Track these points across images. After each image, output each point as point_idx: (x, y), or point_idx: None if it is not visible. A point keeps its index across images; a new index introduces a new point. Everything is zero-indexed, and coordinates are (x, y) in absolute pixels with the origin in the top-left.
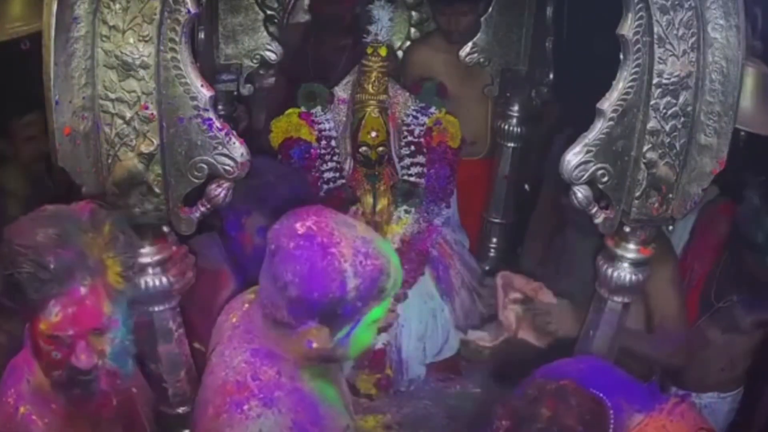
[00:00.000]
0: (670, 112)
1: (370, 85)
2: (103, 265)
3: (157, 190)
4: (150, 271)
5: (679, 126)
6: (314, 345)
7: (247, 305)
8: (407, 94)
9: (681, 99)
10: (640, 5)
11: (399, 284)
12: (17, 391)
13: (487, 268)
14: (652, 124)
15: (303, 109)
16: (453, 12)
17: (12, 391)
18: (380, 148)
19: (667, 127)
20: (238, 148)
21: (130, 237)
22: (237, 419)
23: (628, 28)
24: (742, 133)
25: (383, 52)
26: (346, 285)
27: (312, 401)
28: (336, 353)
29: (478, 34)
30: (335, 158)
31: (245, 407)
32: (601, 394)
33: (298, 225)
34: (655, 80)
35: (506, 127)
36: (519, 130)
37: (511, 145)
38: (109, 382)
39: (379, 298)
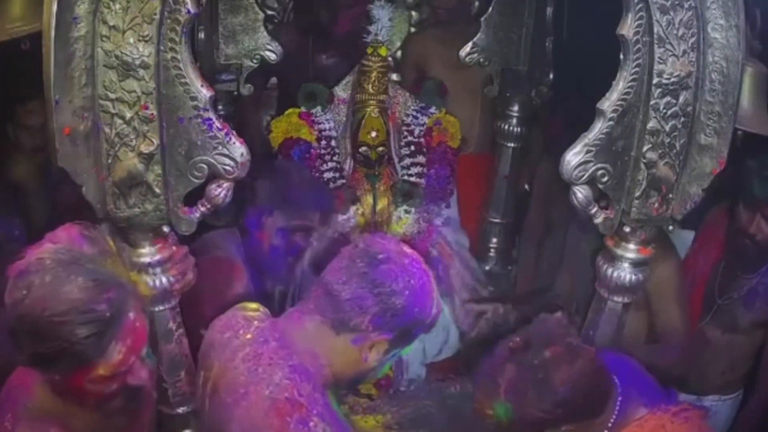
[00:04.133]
0: (670, 112)
1: (370, 85)
2: (133, 282)
3: (157, 190)
4: (150, 271)
5: (679, 126)
6: (369, 359)
7: (257, 323)
8: (407, 94)
9: (681, 99)
10: (640, 5)
11: None
12: (14, 416)
13: (487, 268)
14: (652, 124)
15: (303, 109)
16: None
17: (9, 416)
18: (380, 148)
19: (667, 127)
20: (238, 148)
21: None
22: None
23: (628, 28)
24: (740, 133)
25: (383, 52)
26: (432, 310)
27: (339, 417)
28: (370, 373)
29: (478, 34)
30: (335, 158)
31: (311, 424)
32: (614, 377)
33: (402, 245)
34: (655, 80)
35: (506, 127)
36: (519, 130)
37: (511, 145)
38: (150, 380)
39: (428, 331)
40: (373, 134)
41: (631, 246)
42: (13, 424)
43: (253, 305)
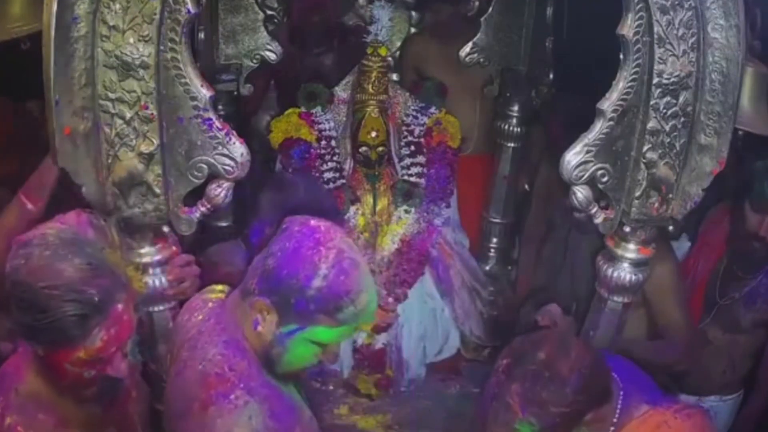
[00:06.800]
0: (670, 112)
1: (370, 85)
2: (128, 276)
3: (157, 190)
4: (150, 271)
5: (679, 126)
6: (260, 327)
7: (211, 303)
8: (407, 94)
9: (681, 99)
10: (640, 5)
11: (360, 325)
12: (5, 400)
13: (487, 268)
14: (652, 124)
15: (303, 109)
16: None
17: (0, 399)
18: (380, 148)
19: (667, 127)
20: (238, 148)
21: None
22: (227, 409)
23: (628, 28)
24: (740, 133)
25: (383, 52)
26: (311, 280)
27: (280, 393)
28: (273, 350)
29: (478, 34)
30: (335, 158)
31: (232, 397)
32: (614, 374)
33: (314, 221)
34: (655, 80)
35: (506, 127)
36: (519, 130)
37: (511, 145)
38: (131, 376)
39: (331, 316)
40: (373, 134)
41: (631, 246)
42: (2, 408)
43: (219, 287)
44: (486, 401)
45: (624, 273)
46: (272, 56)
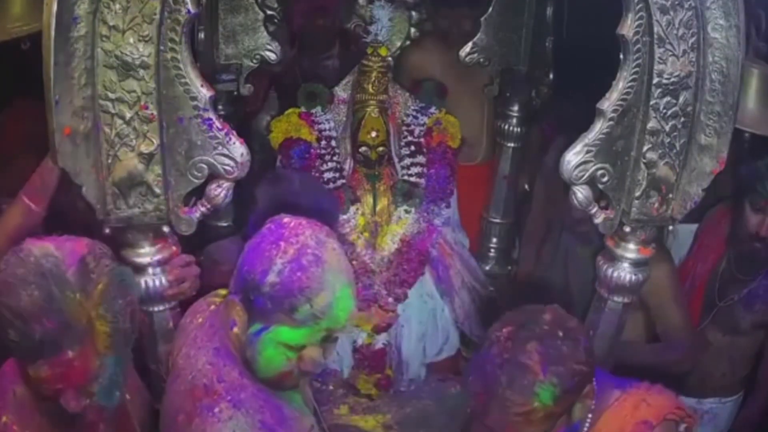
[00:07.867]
0: (670, 112)
1: (370, 85)
2: (92, 330)
3: (157, 190)
4: (150, 271)
5: (679, 126)
6: (235, 328)
7: (213, 307)
8: (407, 94)
9: (681, 99)
10: (640, 5)
11: (330, 327)
12: (3, 400)
13: (487, 268)
14: (652, 124)
15: (303, 109)
16: (455, 15)
17: None
18: (380, 148)
19: (667, 127)
20: (238, 148)
21: (124, 282)
22: (210, 423)
23: (628, 28)
24: (747, 135)
25: (383, 52)
26: (265, 276)
27: (276, 402)
28: (247, 352)
29: (478, 34)
30: (335, 158)
31: (216, 410)
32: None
33: (288, 218)
34: (655, 80)
35: (506, 127)
36: (519, 130)
37: (511, 145)
38: (96, 414)
39: (288, 314)
40: (373, 134)
41: (631, 246)
42: (0, 407)
43: (224, 291)
44: (488, 374)
45: (624, 273)
46: (272, 56)
